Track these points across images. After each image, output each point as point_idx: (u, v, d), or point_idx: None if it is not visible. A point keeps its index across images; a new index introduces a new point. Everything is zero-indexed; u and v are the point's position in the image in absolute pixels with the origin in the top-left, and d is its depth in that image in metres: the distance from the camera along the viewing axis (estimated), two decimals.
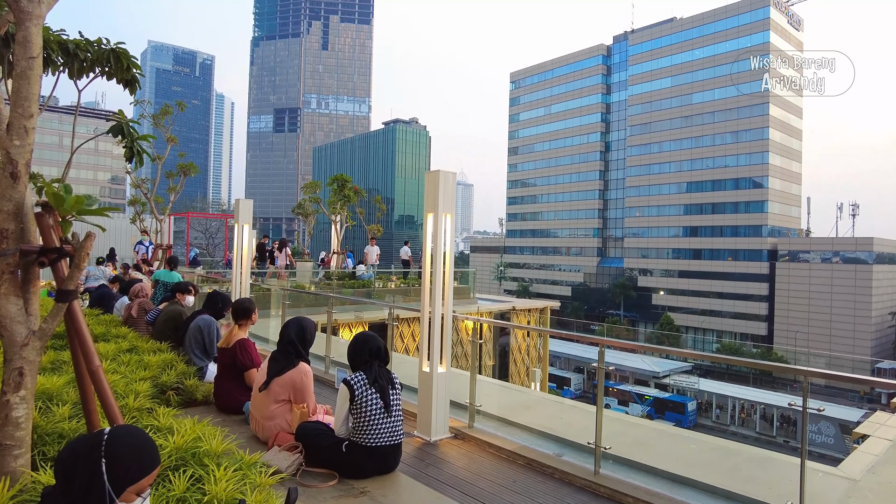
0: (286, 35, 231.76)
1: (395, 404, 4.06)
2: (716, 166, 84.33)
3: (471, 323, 14.21)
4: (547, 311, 19.08)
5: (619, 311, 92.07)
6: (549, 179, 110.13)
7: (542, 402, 6.29)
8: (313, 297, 11.93)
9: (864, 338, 69.06)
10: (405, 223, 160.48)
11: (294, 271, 19.35)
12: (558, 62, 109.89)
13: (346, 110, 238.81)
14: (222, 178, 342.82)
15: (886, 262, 74.80)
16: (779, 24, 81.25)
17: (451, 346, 5.12)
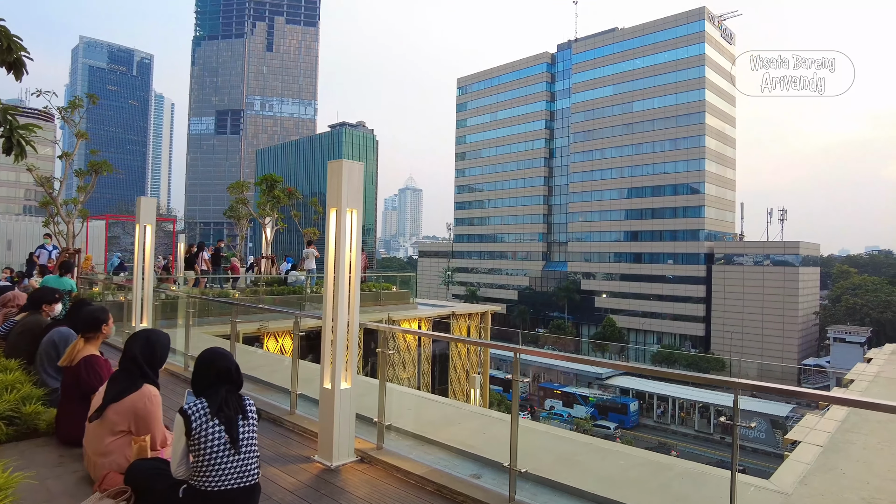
0: (229, 35, 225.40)
1: (246, 439, 3.17)
2: (655, 172, 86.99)
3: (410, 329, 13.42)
4: (488, 315, 18.72)
5: (563, 314, 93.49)
6: (496, 185, 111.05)
7: (467, 416, 5.79)
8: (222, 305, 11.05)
9: (791, 336, 72.51)
10: None
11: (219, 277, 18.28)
12: (504, 69, 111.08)
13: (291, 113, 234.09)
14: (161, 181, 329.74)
15: (810, 264, 78.96)
16: (713, 37, 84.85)
17: (356, 357, 4.55)
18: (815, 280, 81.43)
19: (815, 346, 75.96)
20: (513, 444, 3.77)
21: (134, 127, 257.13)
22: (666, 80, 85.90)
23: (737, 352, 74.93)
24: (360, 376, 5.42)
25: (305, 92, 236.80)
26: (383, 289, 16.84)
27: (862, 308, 72.38)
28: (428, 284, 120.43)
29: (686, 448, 51.28)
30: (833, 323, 70.14)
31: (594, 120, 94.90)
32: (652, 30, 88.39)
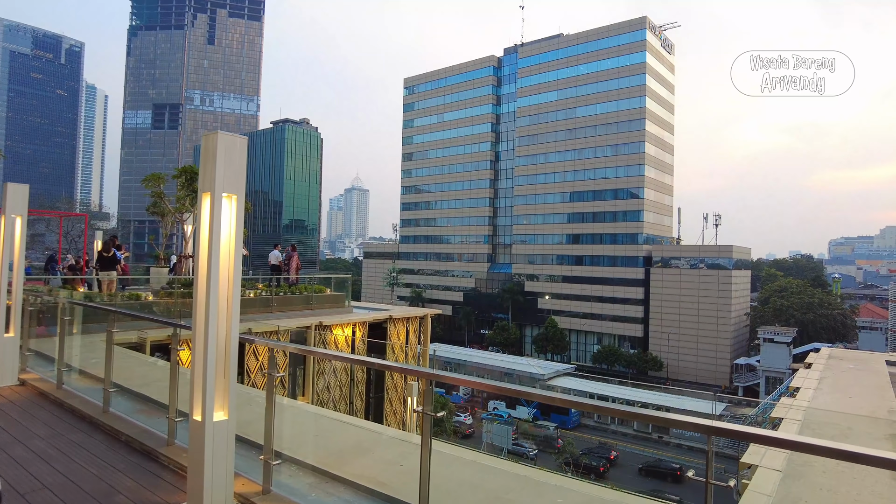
0: (168, 26, 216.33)
1: None
2: (597, 177, 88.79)
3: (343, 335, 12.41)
4: (428, 319, 17.90)
5: (507, 316, 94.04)
6: (443, 186, 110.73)
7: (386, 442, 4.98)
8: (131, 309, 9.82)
9: (725, 336, 75.38)
10: (295, 228, 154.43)
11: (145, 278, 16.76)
12: (451, 71, 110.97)
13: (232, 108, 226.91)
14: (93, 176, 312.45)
15: (742, 267, 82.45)
16: (654, 46, 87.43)
17: (235, 379, 3.65)
18: (747, 283, 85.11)
19: (746, 345, 79.27)
20: (423, 490, 2.99)
21: (62, 118, 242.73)
22: (608, 86, 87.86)
23: (673, 352, 77.37)
24: (284, 399, 4.53)
25: (248, 87, 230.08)
26: (316, 291, 15.77)
27: (788, 309, 76.05)
28: (373, 286, 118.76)
29: (625, 448, 52.18)
30: (762, 324, 73.30)
31: (539, 124, 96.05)
32: (595, 37, 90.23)
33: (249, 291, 14.77)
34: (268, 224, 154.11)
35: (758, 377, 66.14)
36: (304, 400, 12.85)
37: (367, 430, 5.15)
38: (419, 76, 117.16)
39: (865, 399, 7.44)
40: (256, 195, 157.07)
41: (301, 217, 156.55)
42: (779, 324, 71.91)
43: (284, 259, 16.90)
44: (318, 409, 6.93)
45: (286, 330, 12.59)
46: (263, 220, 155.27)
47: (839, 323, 78.39)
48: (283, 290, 15.35)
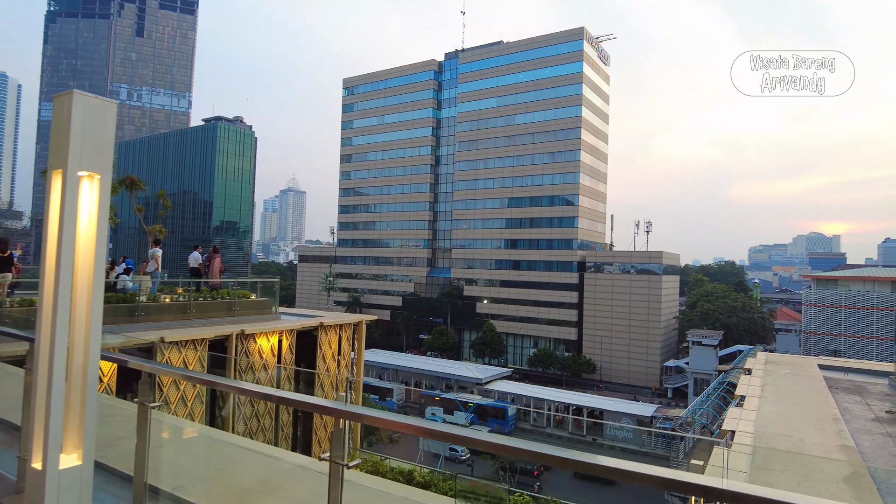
0: (91, 14, 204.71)
1: None
2: (534, 184, 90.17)
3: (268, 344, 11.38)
4: (362, 325, 17.01)
5: (444, 320, 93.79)
6: (382, 189, 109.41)
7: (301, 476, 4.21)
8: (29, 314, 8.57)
9: (655, 340, 77.98)
10: (226, 230, 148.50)
11: None
12: (392, 73, 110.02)
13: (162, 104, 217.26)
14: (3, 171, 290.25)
15: (671, 273, 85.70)
16: (591, 56, 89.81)
17: (95, 409, 2.83)
18: (676, 287, 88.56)
19: (676, 348, 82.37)
20: None
21: None
22: (546, 95, 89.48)
23: (606, 354, 79.36)
24: (189, 424, 3.61)
25: (179, 83, 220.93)
26: (240, 296, 14.62)
27: (714, 313, 79.62)
28: (309, 291, 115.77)
29: None
30: (690, 327, 76.34)
31: (478, 130, 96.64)
32: (534, 45, 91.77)
33: (165, 296, 13.51)
34: (196, 225, 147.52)
35: (686, 379, 68.68)
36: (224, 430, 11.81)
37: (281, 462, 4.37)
38: (359, 77, 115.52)
39: (809, 406, 7.32)
40: (185, 195, 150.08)
41: (232, 218, 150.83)
42: (706, 327, 75.10)
43: (205, 261, 15.65)
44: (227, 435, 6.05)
45: (203, 338, 11.50)
46: (192, 221, 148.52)
47: (759, 326, 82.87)
48: (204, 294, 14.15)
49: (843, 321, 59.01)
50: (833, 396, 8.11)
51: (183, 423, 5.35)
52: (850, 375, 10.09)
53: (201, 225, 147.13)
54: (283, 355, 13.74)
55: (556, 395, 62.60)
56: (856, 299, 58.58)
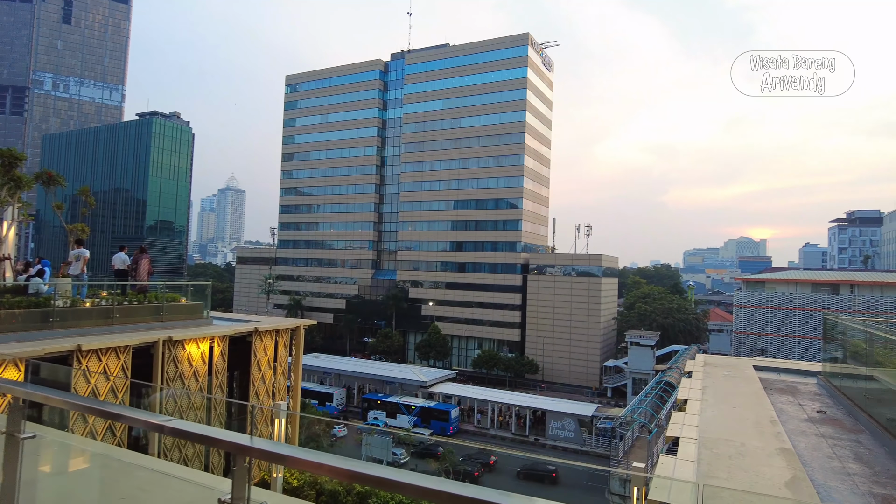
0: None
1: None
2: (480, 187, 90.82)
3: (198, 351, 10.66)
4: (300, 330, 16.31)
5: (389, 323, 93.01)
6: (325, 189, 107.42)
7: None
8: None
9: (595, 340, 79.94)
10: (160, 230, 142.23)
11: None
12: (336, 71, 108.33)
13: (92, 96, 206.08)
14: None
15: (610, 275, 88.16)
16: (535, 62, 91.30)
17: None
18: (614, 289, 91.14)
19: (614, 348, 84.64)
20: None
21: None
22: (491, 99, 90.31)
23: (548, 355, 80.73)
24: None
25: (111, 75, 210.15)
26: (168, 300, 13.71)
27: (650, 314, 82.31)
28: (247, 294, 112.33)
29: (504, 452, 53.13)
30: (629, 328, 78.59)
31: (424, 132, 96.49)
32: (480, 49, 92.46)
33: (86, 300, 12.51)
34: (129, 225, 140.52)
35: (625, 378, 70.68)
36: None
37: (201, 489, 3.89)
38: (303, 74, 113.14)
39: (748, 409, 7.43)
40: (117, 193, 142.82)
41: (168, 218, 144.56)
42: (643, 328, 77.49)
43: (132, 262, 14.65)
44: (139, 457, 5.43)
45: (126, 346, 10.68)
46: (124, 220, 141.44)
47: (694, 326, 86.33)
48: (130, 298, 13.20)
49: (769, 321, 62.27)
50: (769, 397, 8.29)
51: (86, 445, 4.78)
52: (783, 376, 10.42)
53: (134, 224, 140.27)
54: (215, 363, 12.96)
55: (500, 396, 63.07)
56: (780, 300, 61.95)
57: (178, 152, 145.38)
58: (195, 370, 12.39)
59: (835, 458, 6.08)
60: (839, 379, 8.99)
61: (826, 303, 59.72)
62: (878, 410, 7.30)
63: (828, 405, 8.37)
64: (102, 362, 10.19)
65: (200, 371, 12.46)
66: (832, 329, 10.18)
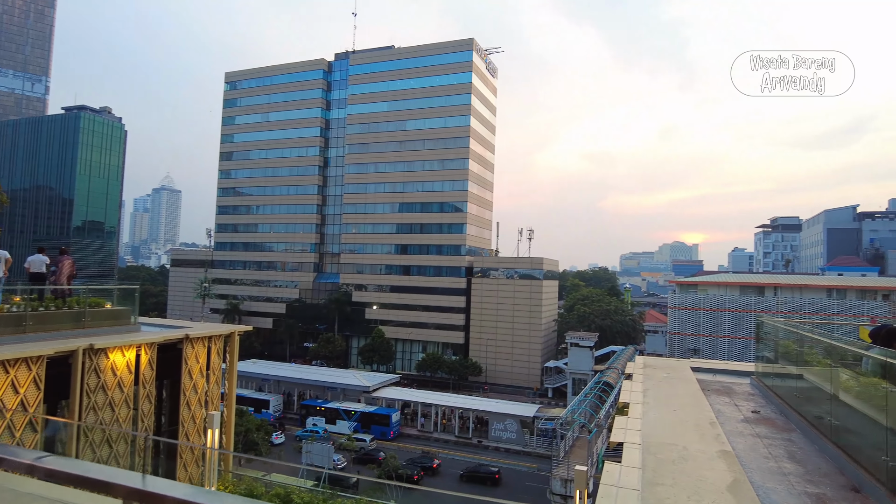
0: None
1: None
2: (425, 190, 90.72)
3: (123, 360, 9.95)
4: (234, 337, 15.54)
5: (331, 327, 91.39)
6: (266, 190, 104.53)
7: None
8: None
9: (536, 342, 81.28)
10: (89, 230, 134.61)
11: None
12: (279, 69, 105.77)
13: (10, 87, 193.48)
14: None
15: (551, 278, 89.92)
16: (479, 68, 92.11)
17: None
18: (555, 292, 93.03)
19: (555, 349, 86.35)
20: None
21: None
22: (436, 102, 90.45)
23: (491, 357, 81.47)
24: None
25: (33, 65, 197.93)
26: (91, 305, 12.74)
27: (589, 316, 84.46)
28: (182, 298, 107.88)
29: (448, 455, 53.03)
30: (568, 329, 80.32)
31: (369, 133, 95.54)
32: (425, 53, 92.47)
33: None
34: (53, 225, 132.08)
35: (565, 379, 72.12)
36: None
37: None
38: (243, 71, 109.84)
39: (688, 411, 7.53)
40: (40, 191, 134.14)
41: (97, 218, 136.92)
42: (582, 329, 79.40)
43: (52, 265, 13.56)
44: None
45: (40, 355, 9.80)
46: (48, 220, 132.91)
47: (630, 328, 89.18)
48: (47, 304, 12.17)
49: (701, 322, 65.06)
50: (707, 399, 8.46)
51: None
52: (718, 377, 10.73)
53: (59, 225, 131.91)
54: (142, 372, 12.12)
55: (443, 399, 63.07)
56: (712, 302, 64.85)
57: (109, 149, 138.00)
58: (120, 380, 11.53)
59: (770, 457, 6.21)
60: (771, 379, 9.31)
61: (753, 304, 62.95)
62: (806, 408, 7.56)
63: (761, 405, 8.63)
64: (10, 374, 9.30)
65: (126, 381, 11.61)
66: (763, 330, 10.56)
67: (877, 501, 5.23)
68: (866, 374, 6.30)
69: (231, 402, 16.02)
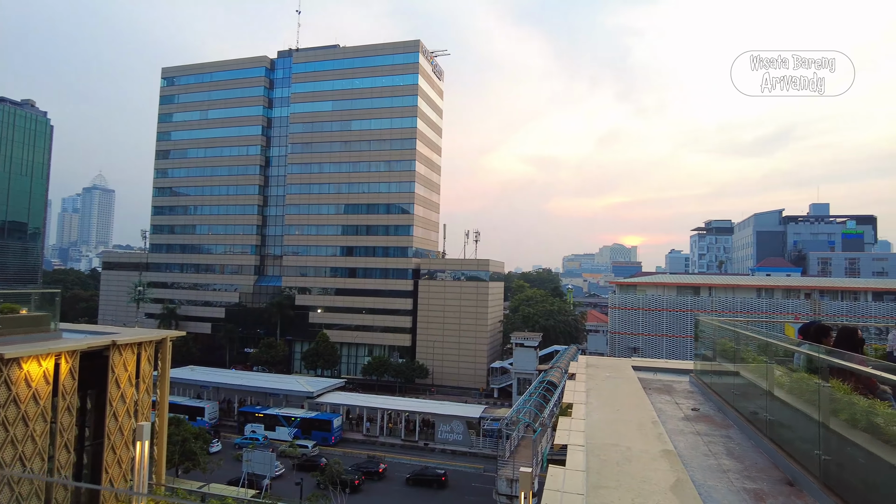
0: None
1: None
2: (371, 191, 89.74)
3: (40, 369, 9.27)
4: (167, 343, 14.69)
5: (273, 332, 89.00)
6: (205, 190, 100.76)
7: None
8: None
9: (482, 343, 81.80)
10: (10, 231, 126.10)
11: None
12: (219, 66, 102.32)
13: None
14: None
15: (497, 279, 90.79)
16: (426, 70, 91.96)
17: None
18: (501, 293, 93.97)
19: (500, 350, 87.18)
20: None
21: None
22: (382, 103, 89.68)
23: (438, 359, 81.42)
24: None
25: None
26: (4, 311, 11.70)
27: (534, 316, 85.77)
28: (115, 303, 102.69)
29: (394, 459, 52.55)
30: (514, 330, 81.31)
31: (313, 133, 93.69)
32: (371, 53, 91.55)
33: None
34: None
35: (511, 379, 72.88)
36: None
37: None
38: (181, 67, 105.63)
39: (631, 411, 7.57)
40: None
41: (19, 218, 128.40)
42: (527, 329, 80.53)
43: None
44: None
45: None
46: None
47: (573, 327, 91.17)
48: None
49: (640, 321, 67.10)
50: (649, 398, 8.55)
51: None
52: (659, 375, 10.92)
53: None
54: (62, 382, 11.23)
55: (389, 403, 62.54)
56: (650, 302, 67.02)
57: (33, 145, 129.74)
58: (35, 392, 10.62)
59: (710, 455, 6.29)
60: (709, 376, 9.54)
61: (689, 304, 65.47)
62: (743, 405, 7.74)
63: (700, 402, 8.80)
64: None
65: (42, 393, 10.70)
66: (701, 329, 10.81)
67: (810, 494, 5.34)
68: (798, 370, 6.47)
69: (163, 412, 15.15)
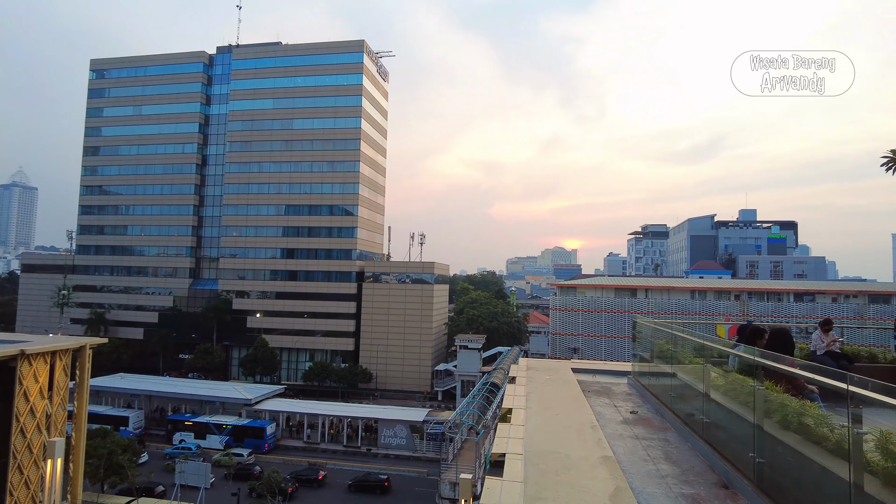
0: None
1: None
2: (313, 192, 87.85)
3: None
4: (86, 351, 13.59)
5: (210, 337, 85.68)
6: (137, 189, 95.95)
7: None
8: None
9: (427, 345, 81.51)
10: None
11: None
12: (154, 60, 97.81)
13: None
14: None
15: (442, 282, 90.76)
16: (370, 70, 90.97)
17: None
18: (445, 295, 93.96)
19: (445, 352, 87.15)
20: None
21: None
22: (326, 103, 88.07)
23: (382, 362, 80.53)
24: None
25: None
26: None
27: (478, 318, 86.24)
28: (36, 308, 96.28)
29: (335, 465, 51.48)
30: (458, 332, 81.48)
31: (253, 131, 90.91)
32: (314, 51, 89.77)
33: None
34: None
35: (455, 381, 72.91)
36: None
37: None
38: (112, 60, 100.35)
39: (570, 416, 7.44)
40: None
41: None
42: (471, 331, 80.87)
43: None
44: None
45: None
46: None
47: (516, 329, 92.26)
48: None
49: (580, 322, 68.54)
50: (588, 401, 8.46)
51: None
52: (598, 377, 10.92)
53: None
54: None
55: (331, 409, 61.33)
56: (589, 304, 68.58)
57: None
58: None
59: (649, 460, 6.21)
60: (647, 378, 9.58)
61: (626, 305, 67.41)
62: (679, 406, 7.76)
63: (638, 405, 8.80)
64: None
65: None
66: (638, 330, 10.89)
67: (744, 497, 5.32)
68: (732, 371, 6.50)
69: (81, 424, 14.02)
